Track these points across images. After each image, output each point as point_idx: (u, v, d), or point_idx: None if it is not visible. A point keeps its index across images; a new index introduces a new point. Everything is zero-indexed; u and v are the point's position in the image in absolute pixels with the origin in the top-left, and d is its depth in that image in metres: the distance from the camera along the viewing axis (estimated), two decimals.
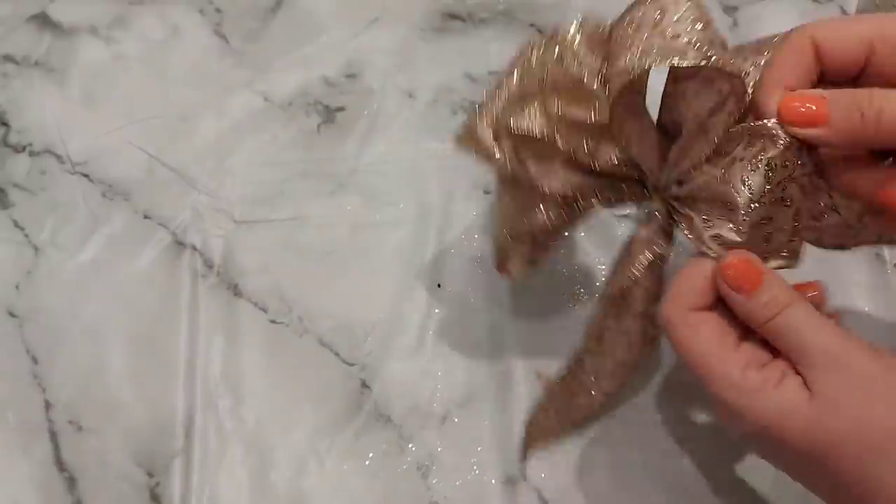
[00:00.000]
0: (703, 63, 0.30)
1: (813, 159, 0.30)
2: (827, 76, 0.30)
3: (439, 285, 0.44)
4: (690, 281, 0.31)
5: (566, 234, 0.37)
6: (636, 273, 0.33)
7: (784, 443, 0.29)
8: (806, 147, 0.29)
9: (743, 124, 0.30)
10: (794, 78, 0.30)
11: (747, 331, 0.31)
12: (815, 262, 0.38)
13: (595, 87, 0.32)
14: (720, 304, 0.31)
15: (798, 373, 0.29)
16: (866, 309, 0.43)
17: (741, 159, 0.30)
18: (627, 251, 0.34)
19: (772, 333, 0.30)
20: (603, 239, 0.45)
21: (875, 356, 0.28)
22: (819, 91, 0.29)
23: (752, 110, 0.30)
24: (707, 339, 0.31)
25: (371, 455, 0.41)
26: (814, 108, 0.28)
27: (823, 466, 0.28)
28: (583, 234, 0.45)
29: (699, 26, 0.31)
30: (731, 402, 0.30)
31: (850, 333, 0.29)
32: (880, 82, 0.29)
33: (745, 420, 0.30)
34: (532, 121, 0.33)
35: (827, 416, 0.28)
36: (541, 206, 0.35)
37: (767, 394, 0.29)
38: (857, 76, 0.30)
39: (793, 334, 0.29)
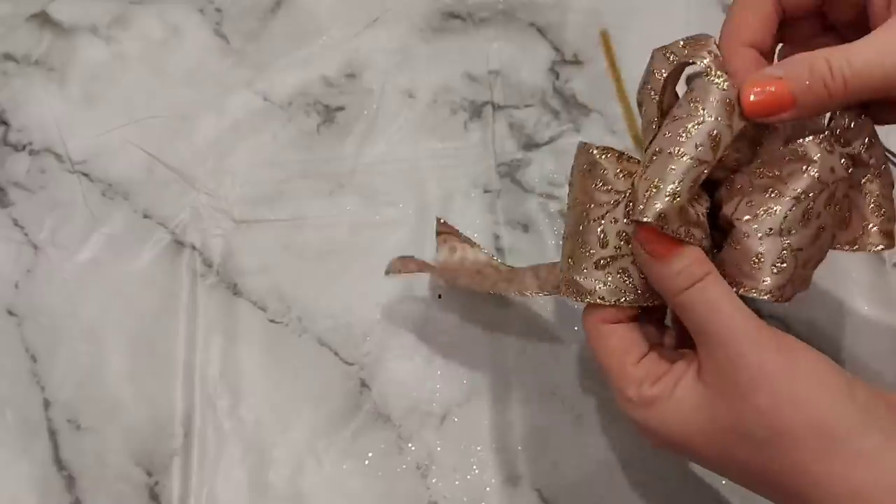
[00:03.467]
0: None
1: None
2: (787, 14, 0.30)
3: (440, 296, 0.44)
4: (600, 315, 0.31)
5: None
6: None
7: (695, 450, 0.29)
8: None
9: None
10: (752, 31, 0.30)
11: (654, 343, 0.32)
12: None
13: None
14: (637, 317, 0.32)
15: (698, 357, 0.29)
16: (866, 308, 0.43)
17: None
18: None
19: (680, 308, 0.29)
20: None
21: (773, 348, 0.27)
22: (773, 71, 0.28)
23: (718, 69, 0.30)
24: (611, 352, 0.31)
25: (370, 455, 0.41)
26: (773, 89, 0.28)
27: (732, 464, 0.28)
28: None
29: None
30: (630, 418, 0.30)
31: (761, 324, 0.28)
32: (840, 10, 0.29)
33: (652, 436, 0.30)
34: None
35: (715, 408, 0.27)
36: None
37: (660, 407, 0.29)
38: (818, 7, 0.30)
39: (699, 312, 0.28)
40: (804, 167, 0.29)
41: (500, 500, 0.40)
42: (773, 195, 0.30)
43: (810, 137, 0.30)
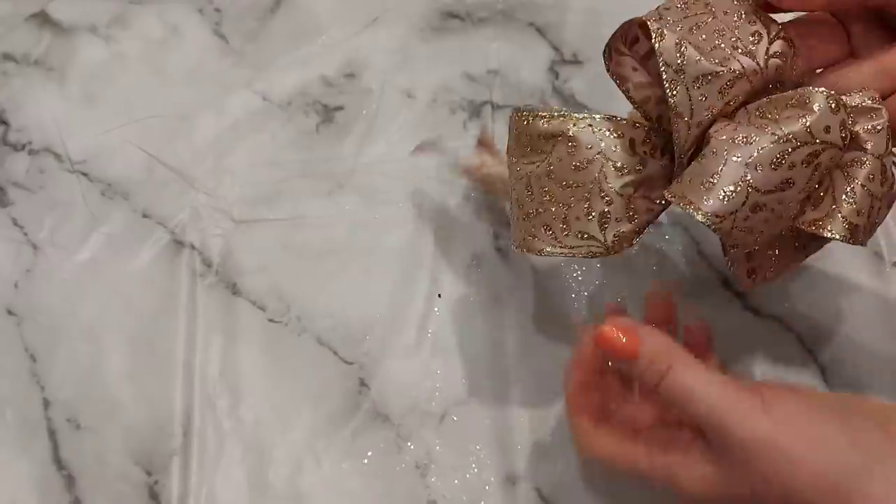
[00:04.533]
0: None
1: None
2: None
3: (440, 295, 0.44)
4: (579, 375, 0.33)
5: None
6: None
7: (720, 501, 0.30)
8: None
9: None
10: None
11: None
12: (813, 260, 0.38)
13: None
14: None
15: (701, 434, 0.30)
16: (866, 308, 0.43)
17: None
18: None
19: (663, 399, 0.30)
20: None
21: (765, 410, 0.28)
22: None
23: None
24: (608, 445, 0.32)
25: (369, 454, 0.41)
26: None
27: None
28: None
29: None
30: (655, 485, 0.31)
31: (738, 389, 0.29)
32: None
33: (676, 492, 0.31)
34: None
35: (727, 479, 0.29)
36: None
37: (679, 473, 0.30)
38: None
39: (680, 400, 0.30)
40: (802, 114, 0.29)
41: (499, 500, 0.40)
42: (758, 129, 0.29)
43: (819, 89, 0.29)
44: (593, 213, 0.33)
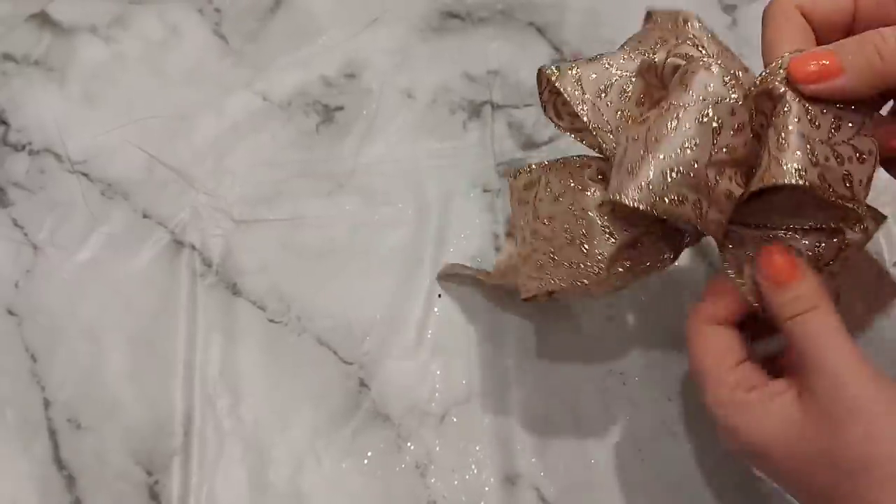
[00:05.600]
0: None
1: None
2: (817, 36, 0.31)
3: (440, 295, 0.44)
4: (716, 296, 0.32)
5: None
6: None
7: (772, 461, 0.29)
8: None
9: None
10: (794, 48, 0.30)
11: (754, 353, 0.32)
12: None
13: None
14: (741, 323, 0.32)
15: (799, 381, 0.29)
16: (866, 308, 0.43)
17: None
18: None
19: (789, 333, 0.30)
20: None
21: (874, 385, 0.28)
22: (824, 46, 0.29)
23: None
24: (710, 353, 0.32)
25: (369, 454, 0.41)
26: (826, 62, 0.28)
27: (810, 486, 0.29)
28: None
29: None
30: (719, 419, 0.31)
31: (865, 359, 0.29)
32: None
33: (734, 437, 0.30)
34: None
35: (810, 435, 0.28)
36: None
37: (751, 413, 0.30)
38: (846, 33, 0.30)
39: (808, 341, 0.29)
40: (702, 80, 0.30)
41: (498, 500, 0.40)
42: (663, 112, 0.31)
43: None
44: (574, 238, 0.34)
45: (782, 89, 0.29)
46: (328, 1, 0.54)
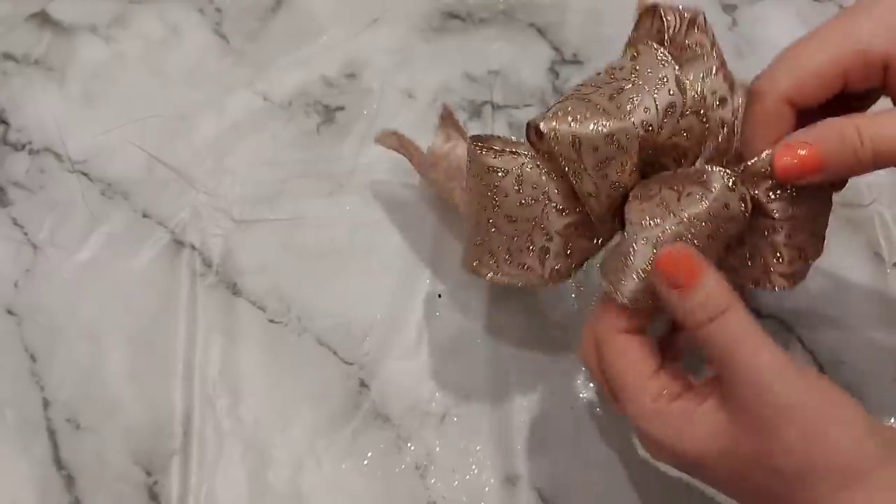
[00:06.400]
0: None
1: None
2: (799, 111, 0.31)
3: (440, 296, 0.44)
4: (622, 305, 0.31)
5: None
6: None
7: (706, 469, 0.29)
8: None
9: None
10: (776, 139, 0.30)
11: (672, 356, 0.32)
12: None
13: None
14: (648, 329, 0.32)
15: (720, 388, 0.29)
16: (866, 308, 0.43)
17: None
18: None
19: (702, 340, 0.29)
20: None
21: (796, 383, 0.27)
22: (804, 136, 0.29)
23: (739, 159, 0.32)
24: (627, 362, 0.31)
25: (369, 454, 0.41)
26: (803, 153, 0.29)
27: (751, 491, 0.28)
28: None
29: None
30: (644, 431, 0.30)
31: (780, 357, 0.28)
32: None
33: (662, 449, 0.30)
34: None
35: (739, 441, 0.28)
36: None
37: (678, 423, 0.29)
38: (838, 96, 0.30)
39: (725, 344, 0.28)
40: (702, 194, 0.30)
41: (499, 500, 0.40)
42: (664, 209, 0.31)
43: (718, 169, 0.30)
44: (534, 248, 0.34)
45: (775, 213, 0.31)
46: (329, 0, 0.54)
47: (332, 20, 0.53)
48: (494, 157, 0.34)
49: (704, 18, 0.34)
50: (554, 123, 0.31)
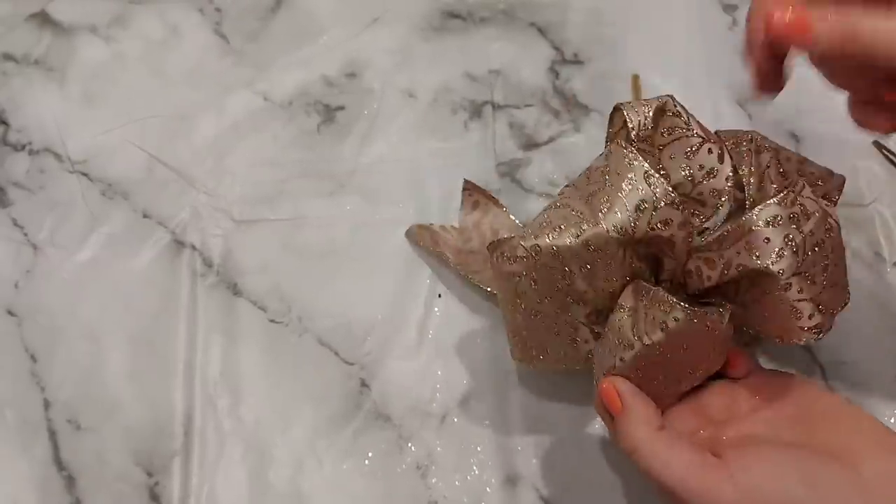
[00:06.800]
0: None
1: None
2: None
3: (440, 295, 0.44)
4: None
5: None
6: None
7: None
8: None
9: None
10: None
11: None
12: None
13: None
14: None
15: None
16: (866, 308, 0.43)
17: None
18: None
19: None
20: None
21: (728, 483, 0.29)
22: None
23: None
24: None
25: (370, 455, 0.41)
26: (795, 14, 0.29)
27: None
28: None
29: None
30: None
31: (701, 460, 0.30)
32: None
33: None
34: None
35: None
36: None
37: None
38: None
39: (648, 466, 0.31)
40: (664, 322, 0.32)
41: (499, 500, 0.40)
42: (627, 337, 0.33)
43: (680, 304, 0.31)
44: (563, 336, 0.36)
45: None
46: (329, 0, 0.54)
47: (333, 20, 0.53)
48: (511, 264, 0.35)
49: (673, 101, 0.34)
50: (533, 241, 0.33)
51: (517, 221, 0.45)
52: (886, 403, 0.40)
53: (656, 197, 0.32)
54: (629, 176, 0.32)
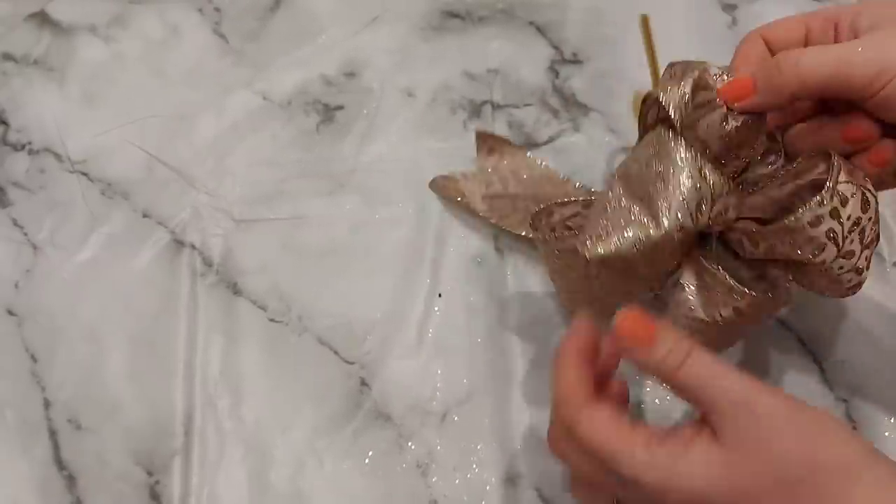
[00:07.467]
0: None
1: None
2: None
3: (440, 295, 0.44)
4: (573, 373, 0.32)
5: None
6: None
7: (712, 501, 0.29)
8: None
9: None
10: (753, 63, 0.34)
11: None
12: None
13: None
14: (602, 388, 0.33)
15: (709, 424, 0.30)
16: (866, 308, 0.43)
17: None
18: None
19: (678, 386, 0.30)
20: None
21: (776, 395, 0.29)
22: (747, 72, 0.34)
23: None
24: (605, 427, 0.31)
25: (370, 454, 0.41)
26: (739, 78, 0.33)
27: None
28: None
29: None
30: (648, 481, 0.30)
31: (750, 378, 0.29)
32: None
33: (669, 495, 0.30)
34: None
35: (741, 462, 0.28)
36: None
37: (679, 463, 0.29)
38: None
39: (698, 384, 0.30)
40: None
41: (499, 499, 0.40)
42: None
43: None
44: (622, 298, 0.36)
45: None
46: (328, 0, 0.54)
47: (332, 19, 0.53)
48: (563, 250, 0.35)
49: (706, 71, 0.34)
50: (599, 249, 0.33)
51: (539, 162, 0.47)
52: (886, 403, 0.40)
53: (714, 191, 0.32)
54: (683, 174, 0.33)
